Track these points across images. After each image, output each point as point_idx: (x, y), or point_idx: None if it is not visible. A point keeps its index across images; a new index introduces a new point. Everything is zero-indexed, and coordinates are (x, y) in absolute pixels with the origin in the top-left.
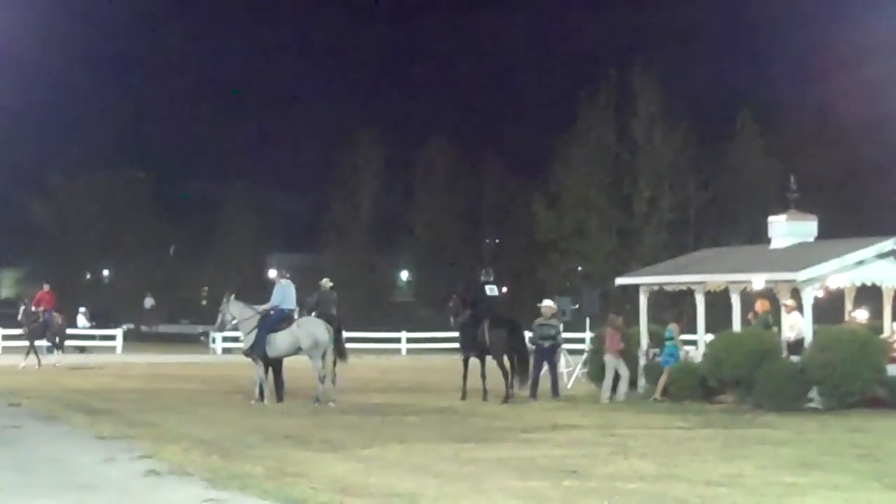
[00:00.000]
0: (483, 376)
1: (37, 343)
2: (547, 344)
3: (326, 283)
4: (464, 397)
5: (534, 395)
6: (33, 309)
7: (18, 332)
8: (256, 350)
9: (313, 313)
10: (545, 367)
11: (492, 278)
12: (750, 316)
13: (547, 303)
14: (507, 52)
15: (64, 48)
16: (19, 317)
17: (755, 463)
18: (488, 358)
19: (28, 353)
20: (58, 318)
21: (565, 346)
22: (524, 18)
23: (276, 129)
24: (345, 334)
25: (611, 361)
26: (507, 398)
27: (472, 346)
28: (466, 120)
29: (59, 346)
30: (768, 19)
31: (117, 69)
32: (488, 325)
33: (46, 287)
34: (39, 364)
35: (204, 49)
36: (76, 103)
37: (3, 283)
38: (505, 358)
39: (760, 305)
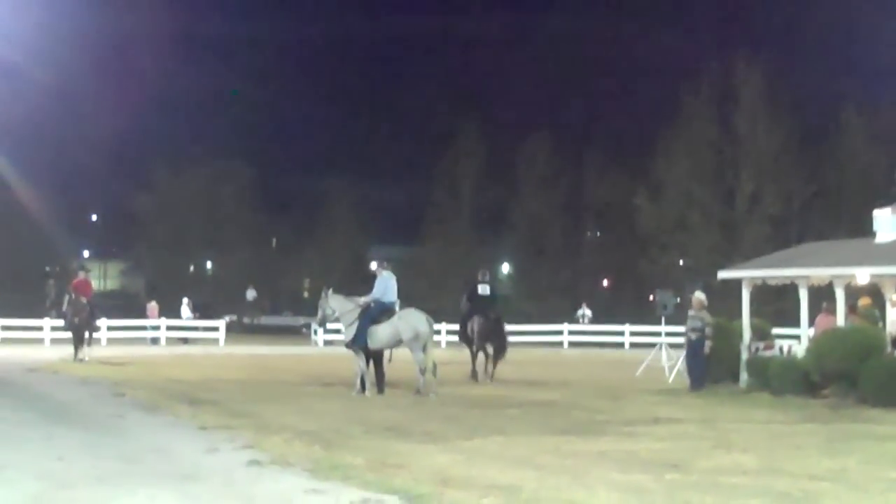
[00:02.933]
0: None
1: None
2: (694, 336)
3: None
4: (474, 377)
5: (695, 386)
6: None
7: (122, 323)
8: (358, 342)
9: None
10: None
11: (487, 279)
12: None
13: (695, 295)
14: (609, 44)
15: (168, 41)
16: (64, 307)
17: (859, 458)
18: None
19: (82, 346)
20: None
21: (665, 340)
22: (627, 11)
23: (379, 123)
24: (447, 326)
25: None
26: (472, 376)
27: (464, 336)
28: (568, 113)
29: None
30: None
31: (222, 62)
32: (476, 319)
33: (83, 274)
34: (80, 357)
35: (307, 43)
36: (180, 96)
37: (108, 274)
38: (487, 346)
39: (863, 301)
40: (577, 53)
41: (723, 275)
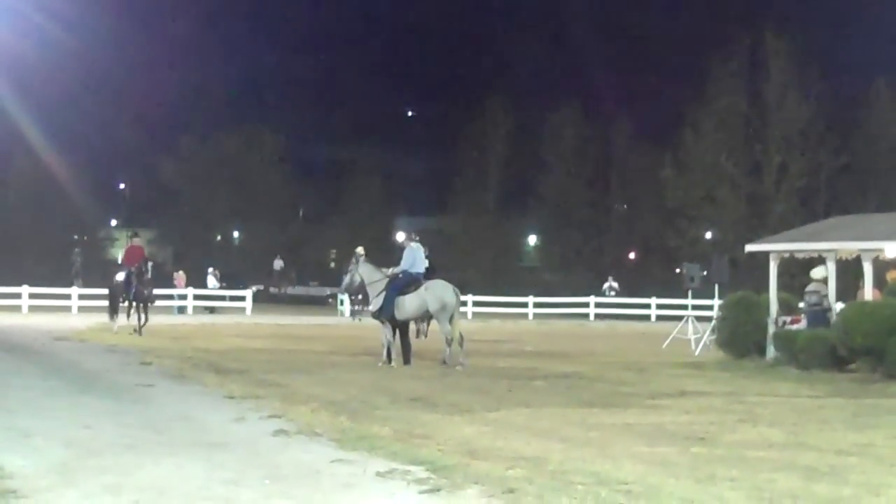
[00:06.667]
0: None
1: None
2: (815, 309)
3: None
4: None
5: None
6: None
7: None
8: (385, 313)
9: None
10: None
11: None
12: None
13: (818, 270)
14: (638, 14)
15: (198, 9)
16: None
17: (886, 433)
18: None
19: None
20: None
21: (692, 312)
22: None
23: (407, 93)
24: (473, 298)
25: None
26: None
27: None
28: (596, 84)
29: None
30: None
31: (252, 32)
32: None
33: (137, 240)
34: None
35: (336, 13)
36: (206, 64)
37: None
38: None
39: (893, 274)
40: (606, 24)
41: (750, 248)
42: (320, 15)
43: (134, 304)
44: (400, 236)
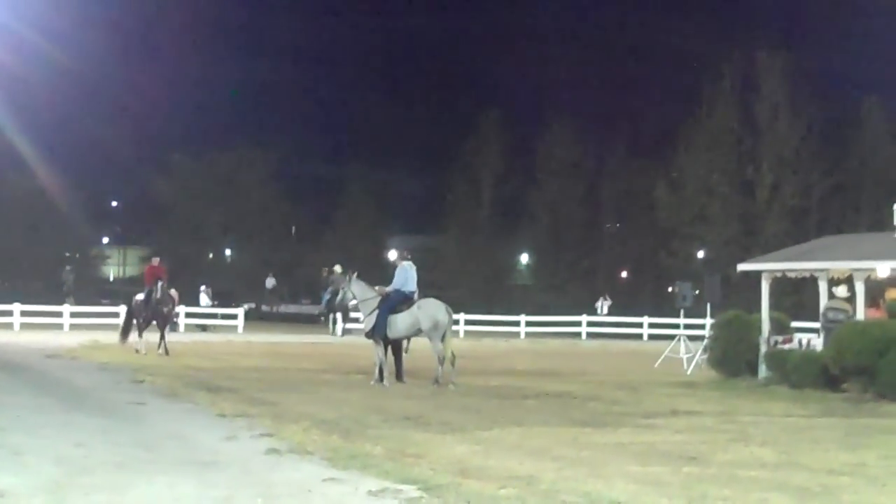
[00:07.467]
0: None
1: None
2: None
3: (338, 269)
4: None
5: None
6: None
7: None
8: (378, 332)
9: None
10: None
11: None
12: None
13: (841, 288)
14: (631, 35)
15: (191, 29)
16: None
17: (878, 453)
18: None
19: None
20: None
21: (684, 332)
22: (649, 2)
23: (400, 112)
24: (465, 316)
25: None
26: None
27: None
28: (589, 103)
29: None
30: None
31: (245, 51)
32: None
33: (157, 260)
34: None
35: (329, 32)
36: (201, 83)
37: (127, 261)
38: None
39: (891, 293)
40: (599, 43)
41: (743, 267)
42: (314, 35)
43: (154, 323)
44: (392, 255)
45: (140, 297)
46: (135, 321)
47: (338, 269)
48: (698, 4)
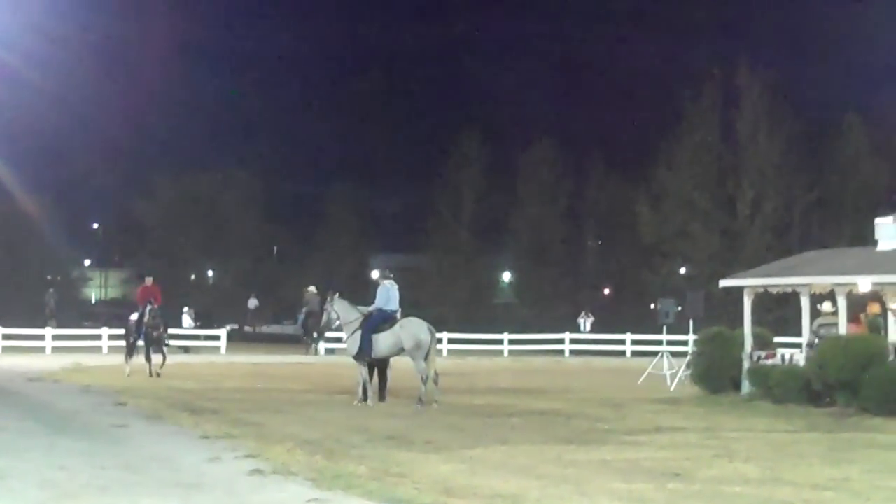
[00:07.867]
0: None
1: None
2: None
3: (312, 289)
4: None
5: None
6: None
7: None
8: (364, 353)
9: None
10: None
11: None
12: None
13: (828, 304)
14: (610, 51)
15: (169, 48)
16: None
17: (862, 467)
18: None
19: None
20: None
21: (667, 348)
22: (629, 17)
23: (380, 131)
24: (448, 335)
25: None
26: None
27: None
28: (569, 120)
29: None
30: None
31: (224, 69)
32: None
33: (150, 280)
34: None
35: (309, 50)
36: (181, 104)
37: (109, 283)
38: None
39: (872, 308)
40: (579, 60)
41: (724, 283)
42: (291, 52)
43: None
44: (375, 274)
45: (134, 317)
46: (127, 341)
47: (312, 289)
48: (678, 21)
